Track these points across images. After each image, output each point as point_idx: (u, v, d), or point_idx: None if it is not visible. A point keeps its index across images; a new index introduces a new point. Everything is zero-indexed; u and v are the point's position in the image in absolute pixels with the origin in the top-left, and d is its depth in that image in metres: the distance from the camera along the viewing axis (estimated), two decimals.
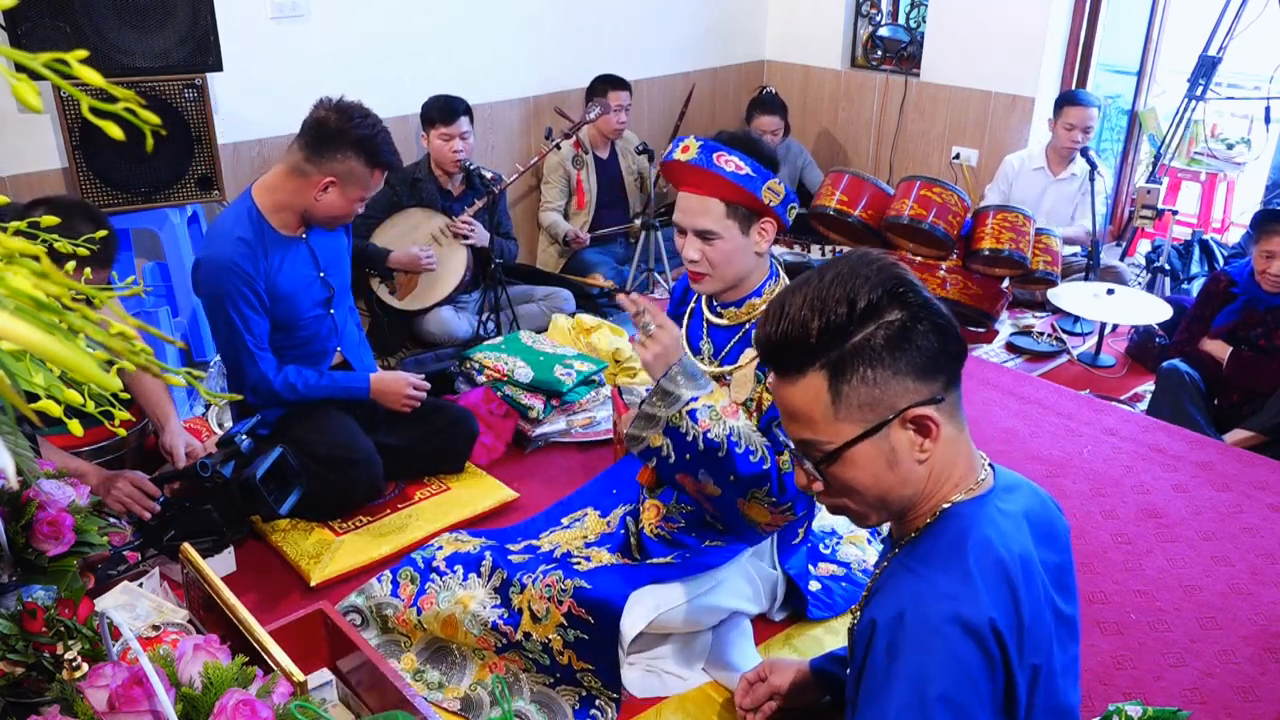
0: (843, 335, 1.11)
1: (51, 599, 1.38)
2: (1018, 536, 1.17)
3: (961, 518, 1.17)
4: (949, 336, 1.14)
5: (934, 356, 1.13)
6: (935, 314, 1.13)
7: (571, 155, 4.33)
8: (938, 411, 1.13)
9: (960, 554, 1.12)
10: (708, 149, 1.88)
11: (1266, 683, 2.09)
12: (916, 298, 1.13)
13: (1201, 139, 4.99)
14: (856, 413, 1.13)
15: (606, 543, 2.22)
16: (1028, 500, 1.26)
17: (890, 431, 1.13)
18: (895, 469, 1.15)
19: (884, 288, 1.11)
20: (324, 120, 2.31)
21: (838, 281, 1.11)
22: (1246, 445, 3.09)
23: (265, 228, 2.39)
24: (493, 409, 2.99)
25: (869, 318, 1.11)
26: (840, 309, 1.10)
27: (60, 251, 0.95)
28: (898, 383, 1.12)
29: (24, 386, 0.63)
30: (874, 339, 1.11)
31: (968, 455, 1.20)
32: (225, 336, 2.40)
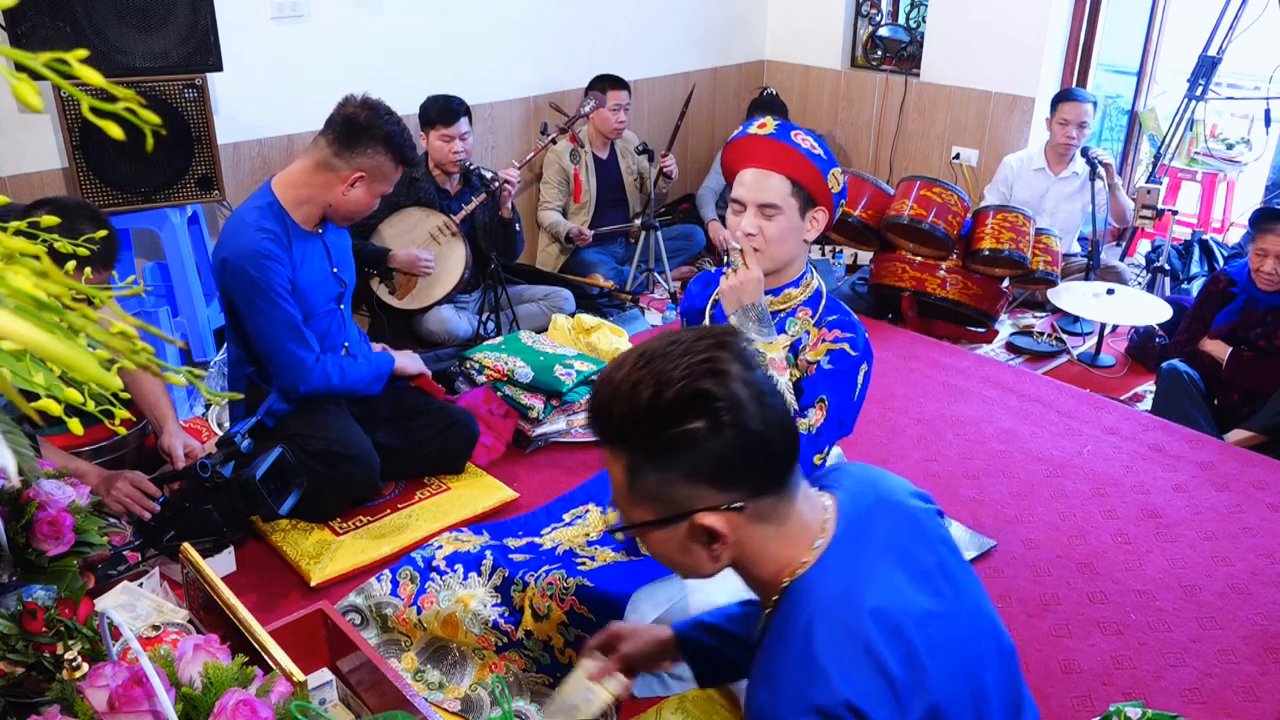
0: (640, 428, 1.08)
1: (51, 599, 1.38)
2: (868, 590, 1.12)
3: (805, 595, 1.13)
4: (760, 448, 1.09)
5: (734, 468, 1.08)
6: (745, 424, 1.06)
7: (568, 151, 4.33)
8: (734, 518, 1.10)
9: (804, 640, 1.09)
10: (785, 126, 1.99)
11: (1266, 683, 2.09)
12: (728, 409, 1.06)
13: (1201, 139, 4.98)
14: (648, 501, 1.12)
15: (610, 541, 2.22)
16: (873, 526, 1.20)
17: (681, 527, 1.11)
18: (691, 556, 1.14)
19: (692, 389, 1.06)
20: (354, 116, 2.35)
21: (651, 373, 1.07)
22: (1246, 445, 3.09)
23: (289, 221, 2.41)
24: (493, 409, 2.99)
25: (669, 418, 1.06)
26: (642, 399, 1.07)
27: (61, 252, 0.95)
28: (688, 487, 1.09)
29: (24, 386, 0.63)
30: (669, 441, 1.07)
31: (795, 538, 1.15)
32: (269, 327, 2.37)
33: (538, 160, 4.35)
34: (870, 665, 1.06)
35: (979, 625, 1.21)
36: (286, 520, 2.51)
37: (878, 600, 1.10)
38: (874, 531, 1.19)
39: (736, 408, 1.06)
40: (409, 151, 2.43)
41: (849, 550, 1.16)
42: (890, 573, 1.15)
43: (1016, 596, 2.33)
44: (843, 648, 1.06)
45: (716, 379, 1.06)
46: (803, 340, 2.03)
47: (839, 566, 1.14)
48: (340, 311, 2.62)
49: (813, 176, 1.96)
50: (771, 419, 1.09)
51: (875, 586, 1.12)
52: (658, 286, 4.42)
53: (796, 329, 2.05)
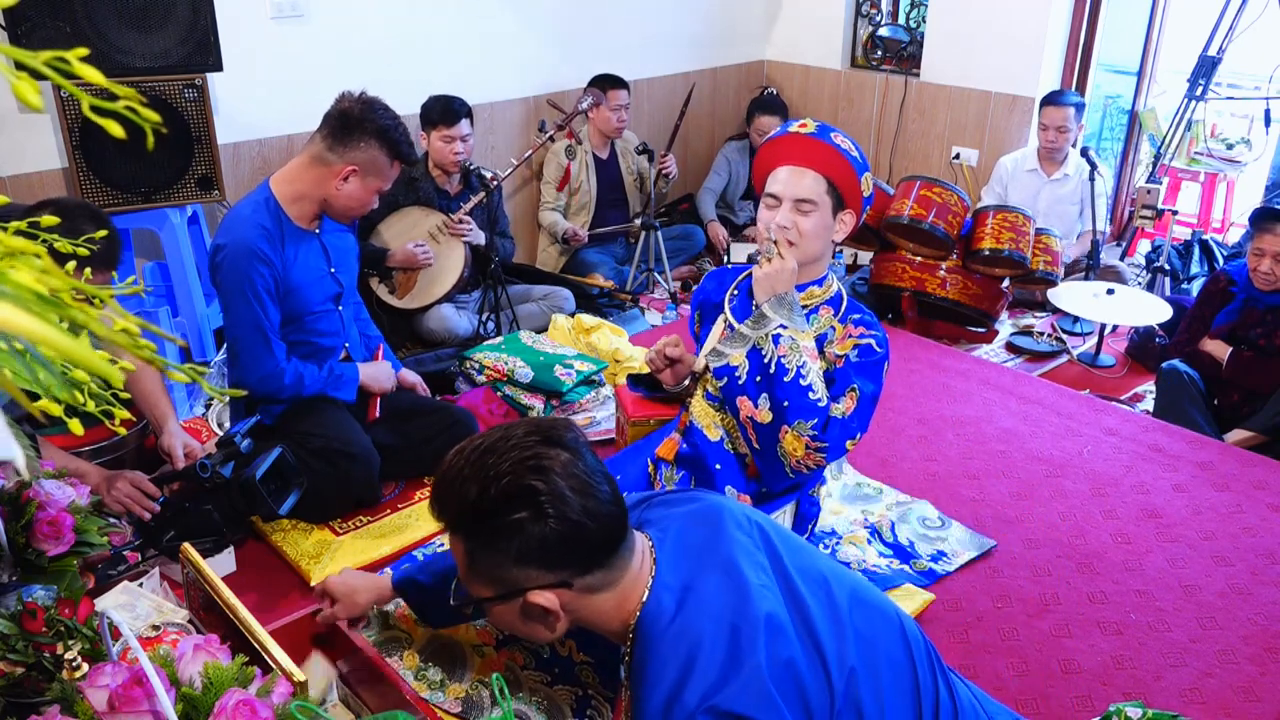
0: (471, 519, 1.19)
1: (51, 599, 1.38)
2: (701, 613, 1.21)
3: (647, 631, 1.23)
4: (581, 535, 1.18)
5: (559, 550, 1.18)
6: (566, 515, 1.16)
7: (564, 147, 4.33)
8: (563, 593, 1.21)
9: (669, 663, 1.18)
10: (825, 128, 2.07)
11: (1266, 683, 2.09)
12: (549, 500, 1.16)
13: (1201, 139, 4.98)
14: (485, 579, 1.23)
15: None
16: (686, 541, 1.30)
17: (516, 603, 1.22)
18: (530, 625, 1.25)
19: (516, 485, 1.16)
20: (348, 110, 2.37)
21: (479, 469, 1.18)
22: (1246, 445, 3.09)
23: (283, 218, 2.41)
24: (493, 409, 2.99)
25: (496, 511, 1.17)
26: (470, 497, 1.17)
27: (61, 252, 0.95)
28: (518, 569, 1.19)
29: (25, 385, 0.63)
30: (496, 531, 1.18)
31: (627, 592, 1.25)
32: (241, 323, 2.38)
33: (536, 158, 4.35)
34: (732, 671, 1.15)
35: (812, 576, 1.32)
36: (286, 520, 2.51)
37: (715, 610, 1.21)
38: (684, 545, 1.30)
39: (558, 500, 1.16)
40: (405, 147, 2.42)
41: (673, 578, 1.26)
42: (708, 579, 1.25)
43: (1016, 596, 2.33)
44: (703, 662, 1.16)
45: (540, 475, 1.17)
46: (828, 336, 2.09)
47: (667, 594, 1.24)
48: (338, 313, 2.61)
49: (848, 177, 2.04)
50: (593, 508, 1.18)
51: (706, 598, 1.22)
52: (658, 286, 4.42)
53: (819, 326, 2.10)
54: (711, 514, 1.34)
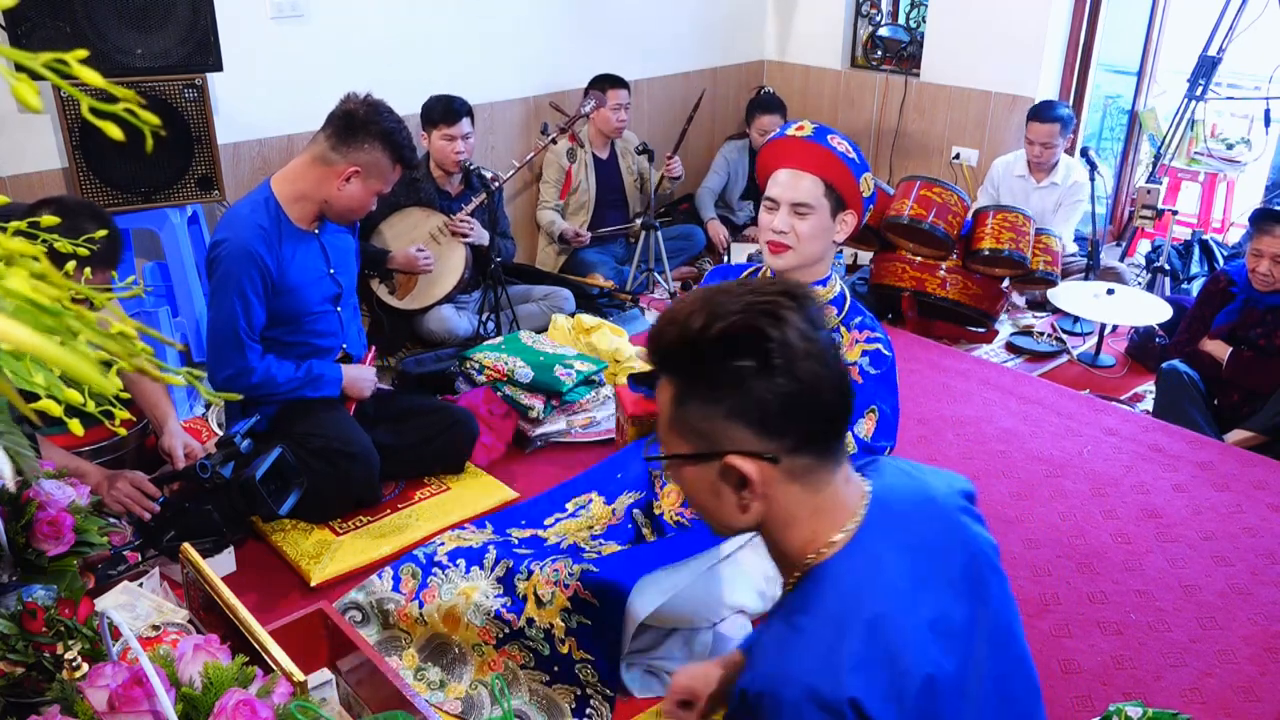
0: (689, 357, 1.08)
1: (51, 599, 1.38)
2: (889, 589, 1.09)
3: (829, 579, 1.10)
4: (807, 402, 1.06)
5: (776, 415, 1.05)
6: (796, 373, 1.04)
7: (566, 150, 4.33)
8: (766, 468, 1.07)
9: (826, 624, 1.07)
10: (822, 130, 2.05)
11: (1266, 683, 2.09)
12: (779, 350, 1.04)
13: (1201, 139, 4.98)
14: (689, 434, 1.10)
15: (614, 537, 2.22)
16: (907, 518, 1.17)
17: (714, 466, 1.09)
18: (719, 501, 1.12)
19: (744, 325, 1.04)
20: (353, 111, 2.38)
21: (714, 304, 1.06)
22: (1246, 445, 3.09)
23: (282, 218, 2.42)
24: (493, 409, 2.99)
25: (719, 353, 1.05)
26: (693, 329, 1.06)
27: (61, 251, 0.95)
28: (728, 425, 1.07)
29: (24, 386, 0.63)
30: (715, 374, 1.06)
31: (826, 512, 1.12)
32: (221, 320, 2.38)
33: (538, 160, 4.35)
34: (883, 668, 1.04)
35: (1002, 642, 1.18)
36: (287, 520, 2.51)
37: (896, 604, 1.08)
38: (905, 526, 1.16)
39: (789, 354, 1.04)
40: (407, 151, 2.43)
41: (877, 542, 1.13)
42: (911, 574, 1.12)
43: (1016, 596, 2.31)
44: (861, 645, 1.04)
45: (773, 321, 1.04)
46: (835, 341, 2.07)
47: (864, 557, 1.11)
48: (337, 314, 2.61)
49: (845, 179, 2.03)
50: (826, 377, 1.06)
51: (897, 588, 1.10)
52: (658, 286, 4.42)
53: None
54: (938, 511, 1.20)
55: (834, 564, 1.11)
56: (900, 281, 3.94)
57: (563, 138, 4.24)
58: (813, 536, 1.12)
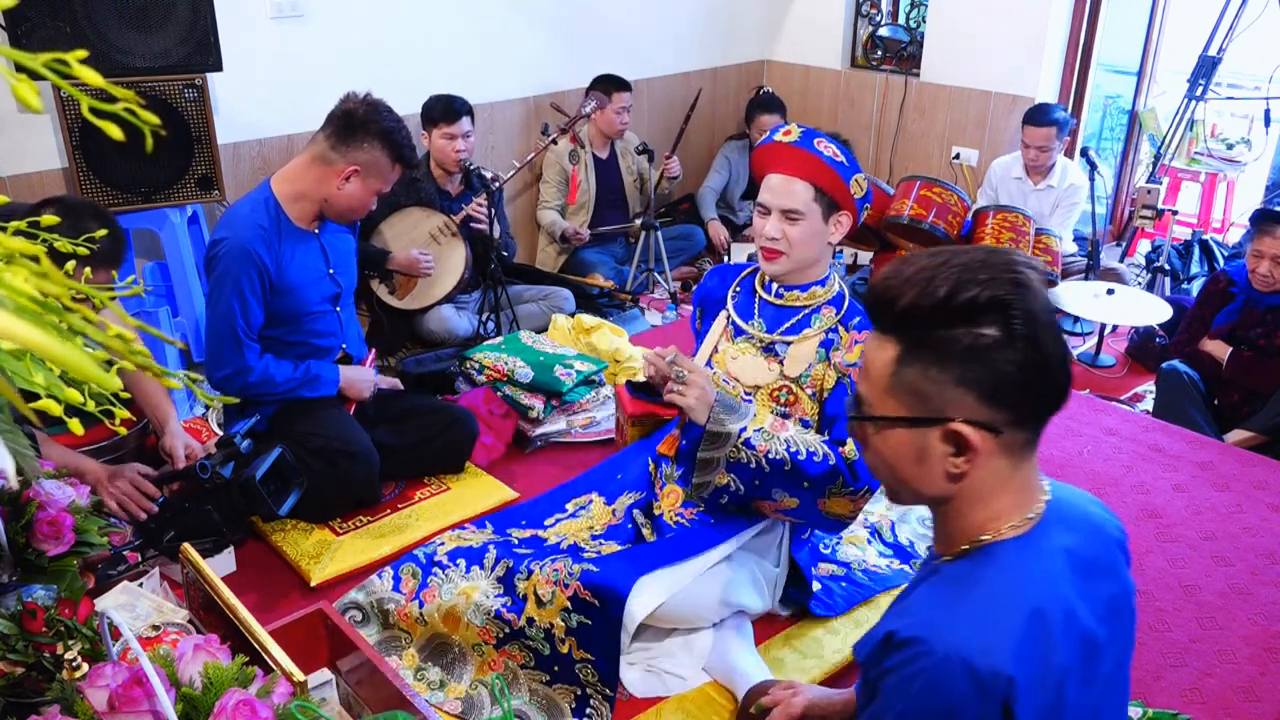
0: (927, 321, 1.05)
1: (51, 599, 1.38)
2: (1056, 585, 1.09)
3: (1002, 558, 1.10)
4: (1042, 374, 1.04)
5: (1009, 387, 1.04)
6: (1037, 348, 1.03)
7: (568, 151, 4.33)
8: (987, 439, 1.06)
9: (993, 600, 1.07)
10: (809, 134, 2.02)
11: (1266, 683, 2.09)
12: (1024, 322, 1.02)
13: (1201, 139, 4.99)
14: (906, 396, 1.08)
15: (614, 537, 2.22)
16: (1077, 531, 1.16)
17: (929, 431, 1.07)
18: (923, 467, 1.10)
19: (993, 296, 1.02)
20: (352, 111, 2.38)
21: (957, 268, 1.04)
22: (1246, 445, 3.09)
23: (282, 218, 2.42)
24: (493, 409, 2.99)
25: (960, 318, 1.03)
26: (939, 294, 1.03)
27: (62, 251, 0.95)
28: (956, 392, 1.05)
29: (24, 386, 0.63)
30: (953, 341, 1.04)
31: (1018, 492, 1.11)
32: (219, 318, 2.39)
33: (538, 160, 4.35)
34: (1039, 659, 1.04)
35: (1116, 681, 1.18)
36: (287, 520, 2.51)
37: (1060, 604, 1.08)
38: (1074, 536, 1.15)
39: (1033, 324, 1.02)
40: (407, 150, 2.44)
41: (1051, 539, 1.12)
42: (1073, 582, 1.11)
43: None
44: (1023, 628, 1.04)
45: (1019, 291, 1.02)
46: (834, 342, 2.07)
47: (1037, 550, 1.11)
48: (337, 314, 2.61)
49: (835, 183, 2.01)
50: (1060, 350, 1.05)
51: (1063, 590, 1.09)
52: (658, 286, 4.42)
53: (823, 324, 2.11)
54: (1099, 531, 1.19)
55: (1008, 546, 1.10)
56: None
57: (563, 138, 4.24)
58: (996, 515, 1.11)
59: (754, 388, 2.13)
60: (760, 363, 2.13)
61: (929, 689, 1.04)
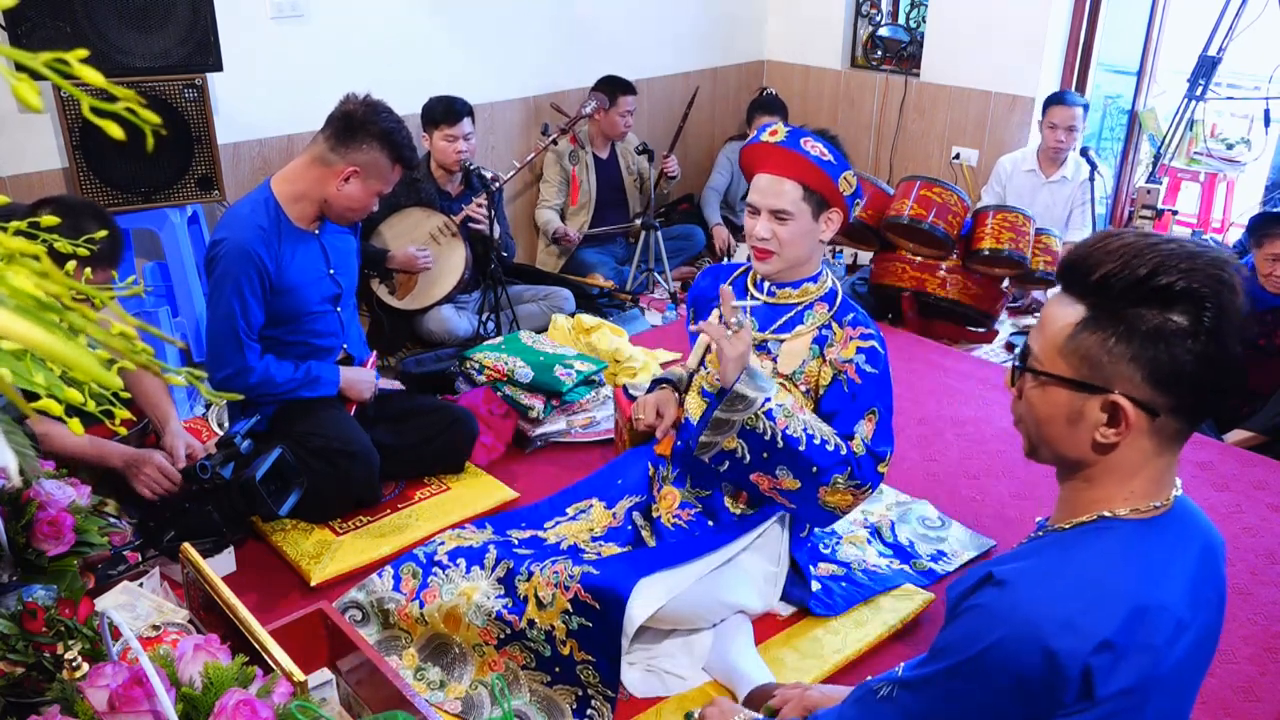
0: (1120, 295, 1.07)
1: (51, 599, 1.38)
2: (1165, 582, 1.10)
3: (1120, 535, 1.12)
4: (1215, 371, 1.06)
5: (1180, 375, 1.06)
6: (1220, 345, 1.05)
7: (568, 152, 4.33)
8: (1142, 418, 1.09)
9: (1095, 582, 1.09)
10: (796, 133, 2.00)
11: (1266, 683, 2.09)
12: (1214, 319, 1.04)
13: (1201, 139, 4.98)
14: (1077, 360, 1.10)
15: (614, 538, 2.22)
16: (1195, 550, 1.17)
17: (1089, 399, 1.10)
18: (1072, 430, 1.13)
19: (1191, 287, 1.04)
20: (351, 112, 2.38)
21: (1164, 254, 1.06)
22: (1246, 445, 3.09)
23: (281, 218, 2.42)
24: (493, 409, 2.99)
25: (1154, 299, 1.05)
26: (1139, 272, 1.05)
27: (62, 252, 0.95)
28: (1129, 368, 1.07)
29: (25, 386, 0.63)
30: (1141, 320, 1.06)
31: (1153, 480, 1.14)
32: (220, 319, 2.39)
33: (538, 160, 4.35)
34: (1131, 655, 1.06)
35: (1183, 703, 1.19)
36: (287, 520, 2.51)
37: (1171, 603, 1.09)
38: (1194, 547, 1.16)
39: (1222, 322, 1.05)
40: (407, 151, 2.43)
41: (1173, 536, 1.14)
42: (1188, 589, 1.12)
43: None
44: (1116, 624, 1.06)
45: (1218, 287, 1.04)
46: (828, 338, 2.07)
47: (1158, 541, 1.12)
48: (337, 314, 2.62)
49: (823, 182, 2.00)
50: (1239, 355, 1.07)
51: (1177, 590, 1.10)
52: (658, 286, 4.42)
53: (815, 320, 2.11)
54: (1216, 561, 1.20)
55: (1128, 525, 1.13)
56: (900, 281, 3.94)
57: (564, 138, 4.24)
58: (1127, 495, 1.13)
59: None
60: (753, 361, 2.13)
61: (1000, 654, 1.08)
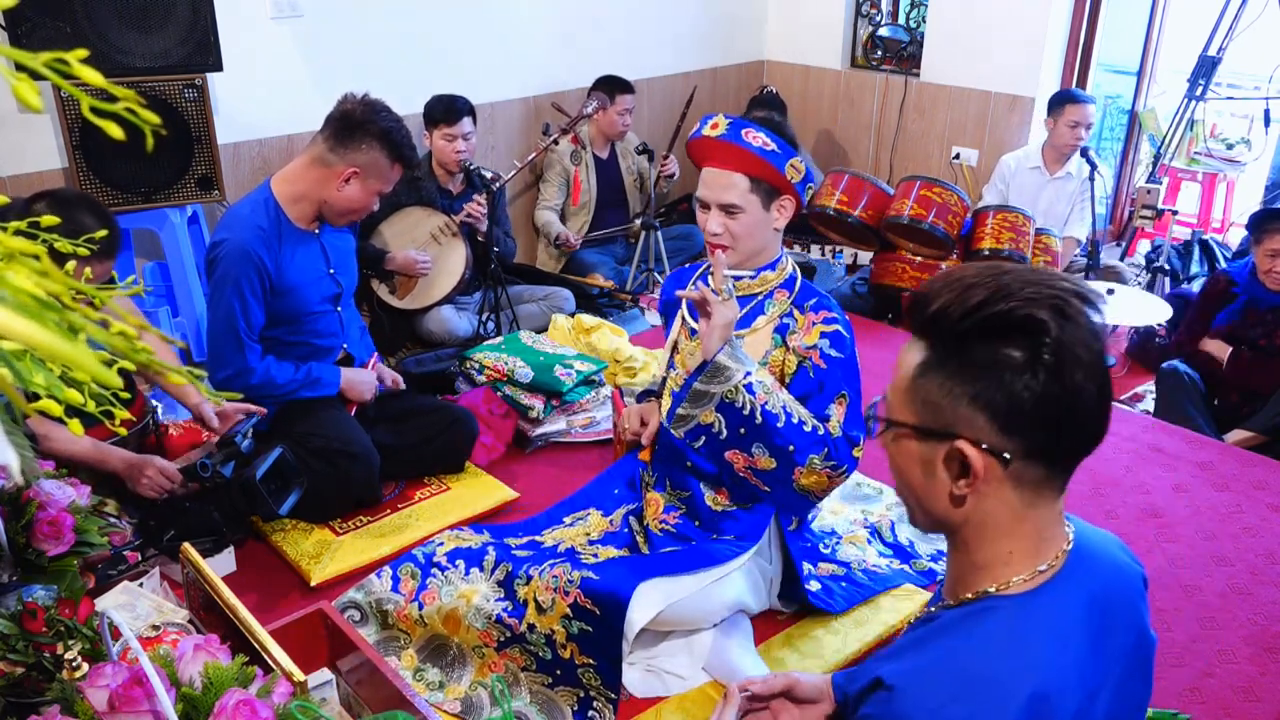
0: (954, 328, 0.98)
1: (51, 599, 1.38)
2: (1062, 661, 1.00)
3: (1005, 618, 1.02)
4: (1063, 410, 0.96)
5: (1022, 416, 0.96)
6: (1061, 382, 0.95)
7: (570, 152, 4.33)
8: (993, 466, 0.99)
9: (989, 681, 0.99)
10: (736, 125, 1.96)
11: (1266, 683, 2.09)
12: (1054, 353, 0.94)
13: (1201, 139, 4.99)
14: (920, 406, 1.02)
15: (612, 541, 2.22)
16: (1100, 575, 1.09)
17: (938, 446, 1.01)
18: (928, 482, 1.04)
19: (1025, 314, 0.95)
20: (350, 112, 2.38)
21: (1002, 282, 0.97)
22: (1246, 445, 3.09)
23: (282, 219, 2.42)
24: (493, 409, 2.99)
25: (989, 331, 0.97)
26: (972, 302, 0.97)
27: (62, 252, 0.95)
28: (969, 409, 0.98)
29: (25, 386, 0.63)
30: (974, 354, 0.97)
31: (1032, 536, 1.04)
32: (220, 319, 2.39)
33: (539, 160, 4.35)
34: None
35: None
36: (287, 520, 2.51)
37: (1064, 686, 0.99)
38: (1096, 583, 1.07)
39: (1062, 356, 0.95)
40: (406, 150, 2.43)
41: (1067, 595, 1.04)
42: (1086, 640, 1.03)
43: None
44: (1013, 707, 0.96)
45: (1058, 317, 0.95)
46: (789, 326, 2.05)
47: (1048, 613, 1.03)
48: (337, 314, 2.62)
49: (768, 171, 1.97)
50: (1092, 395, 0.97)
51: (1066, 664, 1.01)
52: (657, 286, 4.41)
53: (775, 310, 2.09)
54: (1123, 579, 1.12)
55: (1016, 603, 1.03)
56: (900, 281, 3.94)
57: (564, 138, 4.24)
58: (1006, 559, 1.04)
59: None
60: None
61: None
